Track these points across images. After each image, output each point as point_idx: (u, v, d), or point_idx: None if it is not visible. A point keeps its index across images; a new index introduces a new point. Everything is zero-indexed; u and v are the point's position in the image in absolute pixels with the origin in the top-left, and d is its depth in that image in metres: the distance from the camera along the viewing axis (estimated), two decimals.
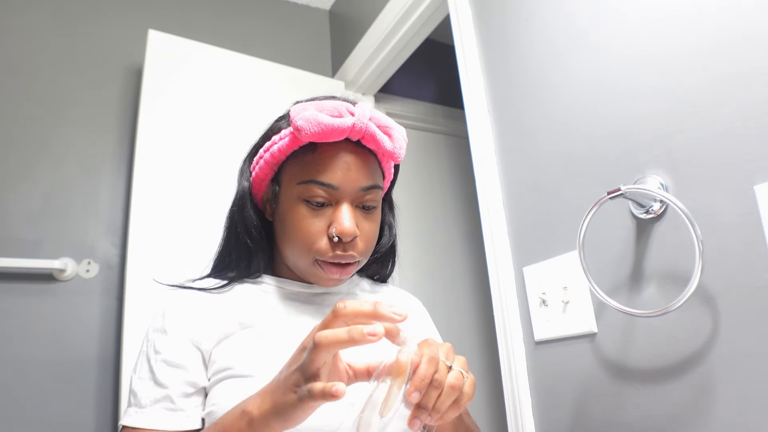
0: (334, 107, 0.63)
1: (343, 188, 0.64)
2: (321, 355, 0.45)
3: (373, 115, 0.66)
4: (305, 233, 0.64)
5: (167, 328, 0.64)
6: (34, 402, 1.24)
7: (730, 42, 0.68)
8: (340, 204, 0.65)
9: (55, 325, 1.32)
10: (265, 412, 0.48)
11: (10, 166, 1.38)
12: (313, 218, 0.65)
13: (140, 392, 0.61)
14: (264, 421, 0.48)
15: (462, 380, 0.49)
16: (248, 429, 0.49)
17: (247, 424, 0.49)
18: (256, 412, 0.49)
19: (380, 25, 1.62)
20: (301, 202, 0.65)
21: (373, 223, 0.69)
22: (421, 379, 0.47)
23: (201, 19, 1.78)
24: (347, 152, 0.65)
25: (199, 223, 1.40)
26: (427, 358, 0.48)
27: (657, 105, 0.76)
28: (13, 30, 1.48)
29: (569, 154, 0.90)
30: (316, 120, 0.61)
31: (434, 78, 2.30)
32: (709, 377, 0.67)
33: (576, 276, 0.87)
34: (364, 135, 0.64)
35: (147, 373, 0.62)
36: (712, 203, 0.68)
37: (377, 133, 0.64)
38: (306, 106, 0.63)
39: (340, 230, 0.63)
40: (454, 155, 2.29)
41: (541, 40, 0.98)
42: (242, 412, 0.50)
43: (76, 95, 1.51)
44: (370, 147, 0.66)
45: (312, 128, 0.61)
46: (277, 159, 0.68)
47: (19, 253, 1.32)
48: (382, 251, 0.79)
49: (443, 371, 0.48)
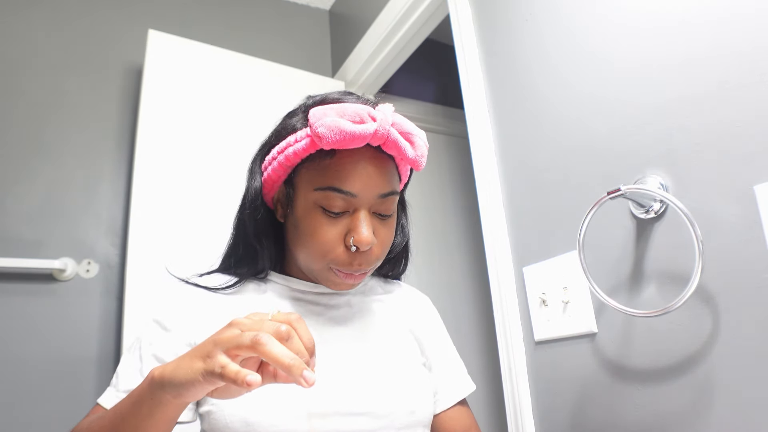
0: (356, 112, 0.60)
1: (362, 196, 0.62)
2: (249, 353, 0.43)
3: (395, 120, 0.62)
4: (321, 241, 0.63)
5: (167, 324, 0.65)
6: (34, 402, 1.24)
7: (730, 42, 0.68)
8: (357, 212, 0.63)
9: (55, 325, 1.32)
10: (166, 373, 0.46)
11: (11, 166, 1.38)
12: (330, 226, 0.62)
13: (122, 376, 0.62)
14: (160, 384, 0.46)
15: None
16: (148, 390, 0.48)
17: (147, 384, 0.48)
18: (157, 372, 0.47)
19: (380, 25, 1.62)
20: (318, 208, 0.63)
21: (390, 230, 0.67)
22: None
23: (201, 19, 1.78)
24: (367, 159, 0.62)
25: (200, 222, 1.40)
26: None
27: (657, 105, 0.76)
28: (13, 30, 1.48)
29: (569, 154, 0.90)
30: (339, 128, 0.58)
31: (434, 78, 2.30)
32: (709, 377, 0.67)
33: (576, 276, 0.87)
34: (386, 141, 0.61)
35: (136, 360, 0.63)
36: (712, 203, 0.68)
37: (399, 140, 0.62)
38: (327, 111, 0.60)
39: (358, 240, 0.61)
40: (454, 155, 2.29)
41: (541, 39, 0.98)
42: (151, 371, 0.49)
43: (76, 95, 1.51)
44: (391, 153, 0.63)
45: (334, 137, 0.58)
46: (292, 162, 0.65)
47: (19, 253, 1.32)
48: (395, 251, 0.78)
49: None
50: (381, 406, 0.63)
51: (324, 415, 0.59)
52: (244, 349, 0.43)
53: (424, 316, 0.81)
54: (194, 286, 0.69)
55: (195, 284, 0.69)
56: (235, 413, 0.58)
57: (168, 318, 0.65)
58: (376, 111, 0.62)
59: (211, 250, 0.78)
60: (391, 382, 0.66)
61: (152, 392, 0.47)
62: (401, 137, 0.62)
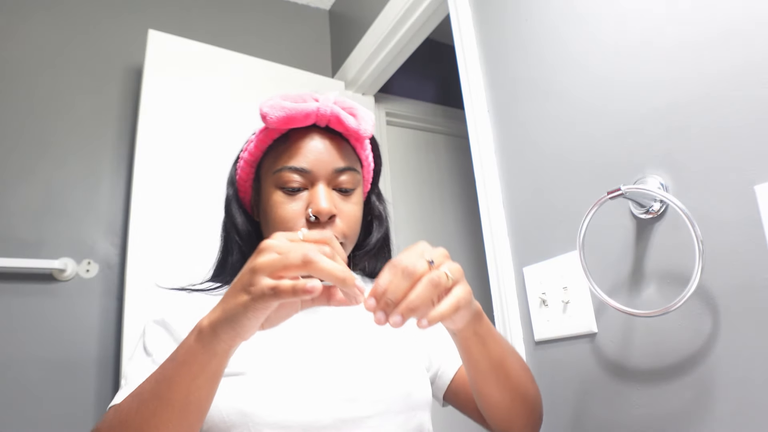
0: (299, 95, 0.66)
1: (316, 170, 0.65)
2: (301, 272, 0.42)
3: (337, 99, 0.67)
4: (283, 218, 0.65)
5: (167, 322, 0.65)
6: (34, 402, 1.24)
7: (730, 42, 0.68)
8: (315, 186, 0.66)
9: (55, 325, 1.32)
10: (216, 318, 0.45)
11: (11, 166, 1.38)
12: (290, 203, 0.65)
13: (132, 372, 0.61)
14: (212, 331, 0.45)
15: (445, 278, 0.46)
16: (197, 345, 0.46)
17: (195, 338, 0.46)
18: (205, 322, 0.46)
19: (380, 25, 1.62)
20: (278, 190, 0.66)
21: (353, 206, 0.68)
22: (381, 289, 0.44)
23: (201, 19, 1.78)
24: (317, 137, 0.67)
25: (199, 222, 1.39)
26: (389, 265, 0.45)
27: (657, 105, 0.76)
28: (13, 30, 1.48)
29: (569, 154, 0.90)
30: (280, 105, 0.64)
31: (434, 78, 2.30)
32: (709, 377, 0.67)
33: (576, 276, 0.87)
34: (330, 118, 0.66)
35: (144, 357, 0.62)
36: (712, 203, 0.68)
37: (341, 113, 0.66)
38: (272, 97, 0.66)
39: (316, 209, 0.63)
40: (454, 155, 2.29)
41: (541, 40, 0.98)
42: (194, 331, 0.47)
43: (76, 95, 1.51)
44: (339, 130, 0.68)
45: (276, 113, 0.64)
46: (254, 156, 0.70)
47: (19, 253, 1.32)
48: (374, 245, 0.78)
49: (418, 264, 0.45)
50: (376, 391, 0.63)
51: (321, 402, 0.59)
52: (293, 269, 0.42)
53: None
54: (189, 291, 0.70)
55: (190, 288, 0.71)
56: (231, 405, 0.57)
57: (167, 317, 0.65)
58: (320, 95, 0.67)
59: (211, 251, 0.78)
60: (385, 367, 0.66)
61: (204, 344, 0.46)
62: (344, 111, 0.67)
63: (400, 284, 0.44)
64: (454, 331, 0.57)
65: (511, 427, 0.65)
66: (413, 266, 0.45)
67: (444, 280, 0.46)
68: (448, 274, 0.47)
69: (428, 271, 0.45)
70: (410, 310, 0.44)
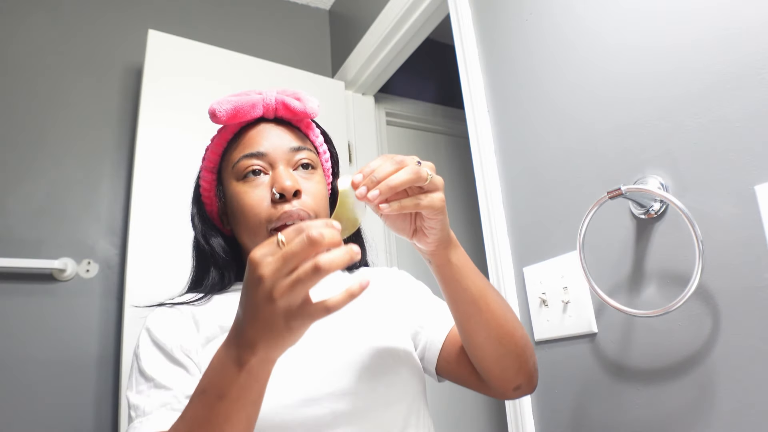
0: (243, 92, 0.70)
1: (272, 152, 0.67)
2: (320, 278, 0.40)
3: (279, 89, 0.71)
4: (249, 205, 0.66)
5: (157, 340, 0.64)
6: (34, 402, 1.24)
7: (729, 42, 0.68)
8: (275, 168, 0.67)
9: (55, 325, 1.32)
10: (263, 356, 0.45)
11: (11, 166, 1.38)
12: (253, 189, 0.66)
13: (141, 402, 0.59)
14: (265, 362, 0.46)
15: (426, 174, 0.50)
16: (249, 379, 0.46)
17: (246, 377, 0.46)
18: (254, 360, 0.45)
19: (380, 25, 1.62)
20: (239, 182, 0.68)
21: (317, 184, 0.70)
22: (369, 169, 0.49)
23: (201, 19, 1.78)
24: (269, 127, 0.70)
25: None
26: (383, 155, 0.50)
27: (657, 105, 0.76)
28: (13, 30, 1.47)
29: (569, 154, 0.90)
30: (227, 100, 0.67)
31: (434, 78, 2.30)
32: (709, 377, 0.67)
33: (576, 276, 0.87)
34: (276, 106, 0.69)
35: (144, 383, 0.61)
36: (712, 203, 0.68)
37: (285, 98, 0.69)
38: (220, 97, 0.69)
39: (280, 186, 0.64)
40: (454, 155, 2.29)
41: (540, 40, 0.98)
42: (234, 366, 0.46)
43: (76, 95, 1.51)
44: (287, 117, 0.71)
45: (225, 106, 0.66)
46: (213, 162, 0.72)
47: (19, 253, 1.32)
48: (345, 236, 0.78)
49: (407, 158, 0.50)
50: (374, 383, 0.63)
51: (314, 399, 0.59)
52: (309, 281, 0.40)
53: (396, 282, 0.80)
54: (171, 305, 0.70)
55: (170, 303, 0.70)
56: None
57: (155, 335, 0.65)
58: (262, 89, 0.71)
59: None
60: (380, 358, 0.66)
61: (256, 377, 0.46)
62: (288, 97, 0.70)
63: (387, 167, 0.49)
64: (429, 255, 0.60)
65: (505, 373, 0.64)
66: (402, 158, 0.50)
67: (424, 174, 0.50)
68: (429, 173, 0.51)
69: (415, 166, 0.50)
70: (390, 188, 0.48)
